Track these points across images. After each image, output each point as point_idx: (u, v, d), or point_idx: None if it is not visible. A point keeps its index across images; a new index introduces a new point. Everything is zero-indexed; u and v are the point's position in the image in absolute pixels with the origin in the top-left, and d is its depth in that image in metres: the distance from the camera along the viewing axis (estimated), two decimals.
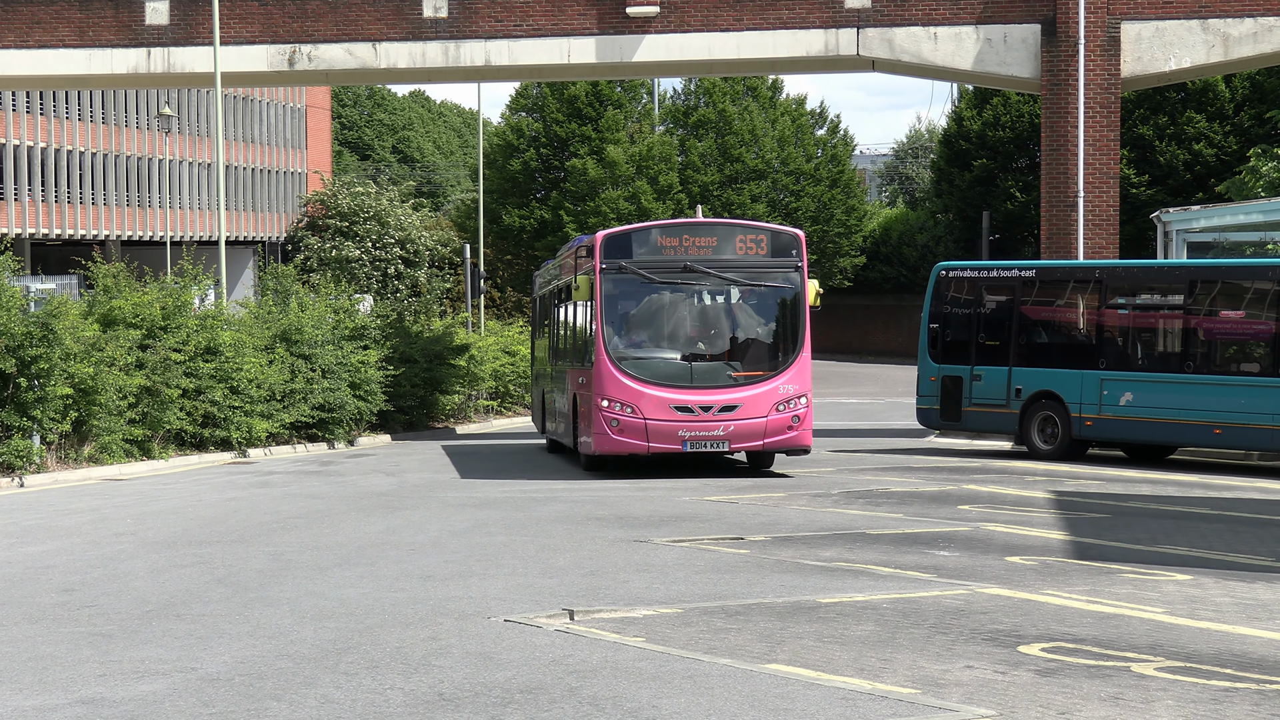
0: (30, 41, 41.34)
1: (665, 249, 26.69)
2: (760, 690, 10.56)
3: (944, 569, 15.92)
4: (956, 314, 31.78)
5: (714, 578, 15.33)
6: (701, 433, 25.85)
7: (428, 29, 40.59)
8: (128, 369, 29.19)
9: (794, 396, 26.20)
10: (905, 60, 38.80)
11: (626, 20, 39.83)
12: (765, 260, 26.72)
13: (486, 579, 15.35)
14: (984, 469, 27.93)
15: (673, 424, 25.85)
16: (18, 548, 18.20)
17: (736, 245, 26.78)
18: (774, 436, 26.13)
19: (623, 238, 27.06)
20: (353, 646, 12.05)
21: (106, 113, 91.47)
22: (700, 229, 27.31)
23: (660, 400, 25.92)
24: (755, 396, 26.04)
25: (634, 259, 26.51)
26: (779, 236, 27.20)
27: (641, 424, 25.90)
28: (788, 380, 26.23)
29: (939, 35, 38.44)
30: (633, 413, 25.91)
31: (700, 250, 26.57)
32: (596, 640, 12.22)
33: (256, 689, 10.69)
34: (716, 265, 26.51)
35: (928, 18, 38.44)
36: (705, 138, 71.67)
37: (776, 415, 26.06)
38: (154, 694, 10.57)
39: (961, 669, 11.18)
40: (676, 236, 26.96)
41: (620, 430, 25.96)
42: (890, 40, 38.67)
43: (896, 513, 20.96)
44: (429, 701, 10.31)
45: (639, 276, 26.46)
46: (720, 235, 27.13)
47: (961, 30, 38.26)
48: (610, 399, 26.00)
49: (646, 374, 26.17)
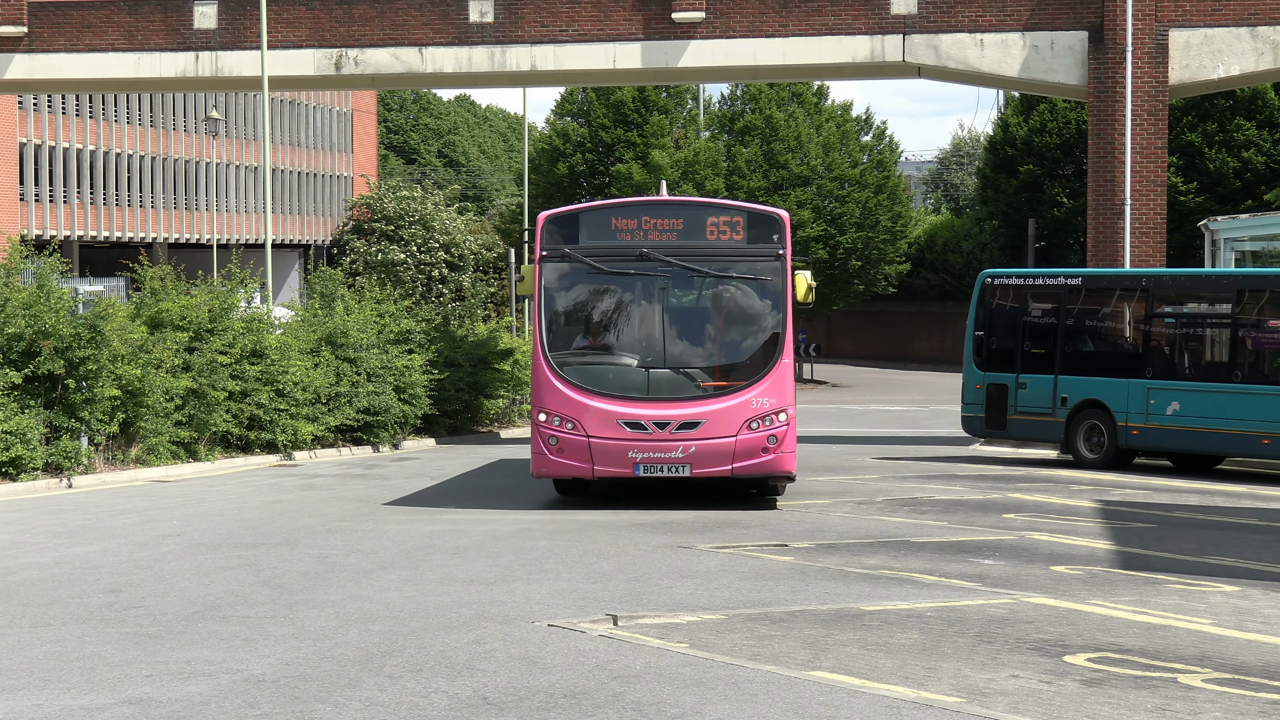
0: (80, 45, 41.58)
1: (621, 233, 22.46)
2: (804, 698, 10.54)
3: (989, 578, 15.86)
4: (1002, 322, 31.66)
5: (758, 584, 15.31)
6: (657, 454, 21.68)
7: (473, 33, 40.67)
8: (175, 371, 29.32)
9: (770, 412, 21.81)
10: (951, 67, 38.70)
11: (672, 26, 39.84)
12: (740, 246, 22.37)
13: (530, 583, 15.36)
14: (1029, 477, 27.82)
15: (622, 443, 21.68)
16: (66, 548, 18.29)
17: (707, 228, 22.40)
18: (745, 460, 21.73)
19: (568, 219, 22.94)
20: (397, 650, 12.07)
21: (154, 116, 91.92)
22: (663, 209, 22.86)
23: (607, 415, 21.74)
24: (722, 411, 21.74)
25: (581, 245, 22.47)
26: (758, 218, 22.78)
27: (584, 443, 21.73)
28: (763, 392, 21.86)
29: (985, 42, 38.34)
30: (574, 429, 21.77)
31: (664, 234, 22.38)
32: (640, 646, 12.22)
33: (301, 691, 10.72)
34: (680, 252, 22.27)
35: (974, 24, 38.33)
36: (751, 143, 71.59)
37: (748, 434, 21.69)
38: (200, 695, 10.61)
39: (1006, 678, 11.14)
40: (635, 218, 22.62)
41: (560, 450, 21.86)
42: (936, 47, 38.58)
43: (941, 521, 20.90)
44: (473, 705, 10.32)
45: (586, 266, 22.41)
46: (687, 216, 22.72)
47: (1008, 37, 38.14)
48: (548, 412, 21.95)
49: (592, 383, 22.05)
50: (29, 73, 42.16)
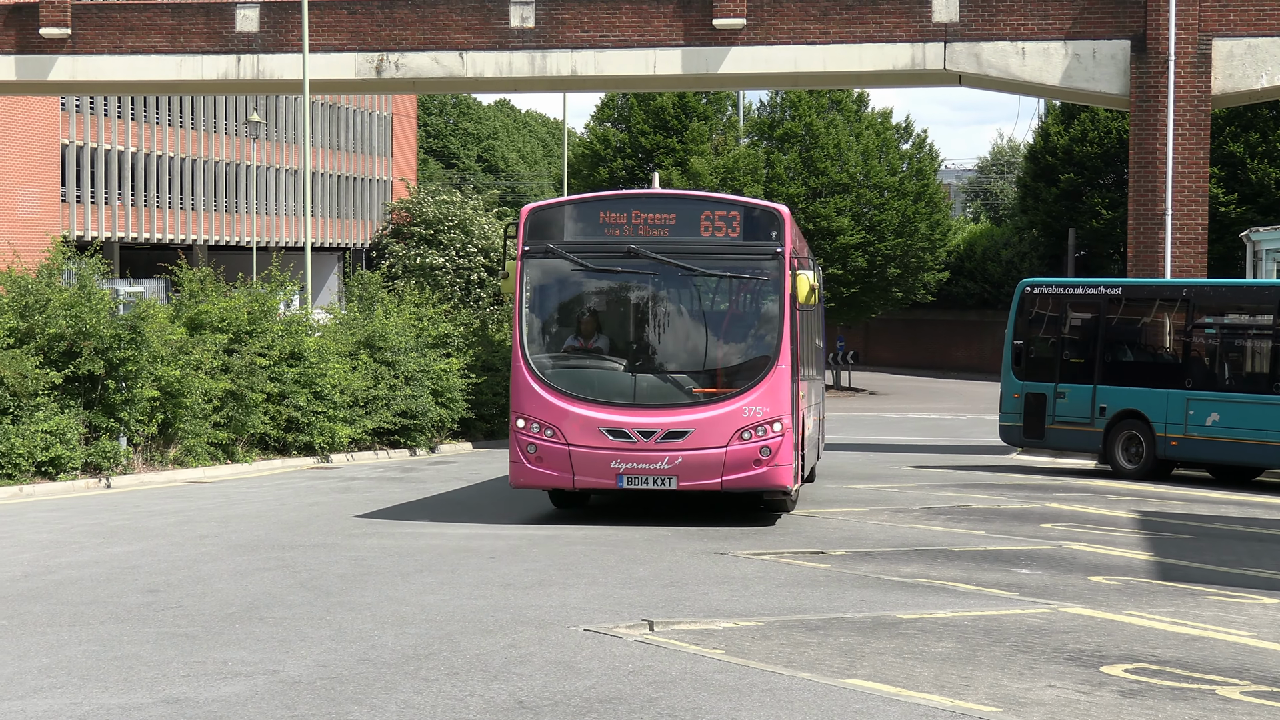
0: (123, 47, 41.78)
1: (609, 228, 21.15)
2: (840, 705, 10.53)
3: (1026, 587, 15.82)
4: (1041, 331, 31.59)
5: (794, 591, 15.30)
6: (641, 465, 20.37)
7: (514, 38, 40.73)
8: (213, 373, 29.43)
9: (764, 421, 20.40)
10: (992, 75, 38.64)
11: (713, 32, 39.85)
12: (736, 244, 20.96)
13: (566, 588, 15.37)
14: (1067, 487, 27.74)
15: (604, 452, 20.43)
16: (104, 548, 18.37)
17: (701, 224, 20.98)
18: (735, 473, 20.39)
19: (553, 212, 21.65)
20: (433, 653, 12.10)
21: (196, 118, 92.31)
22: (654, 202, 21.58)
23: (588, 421, 20.48)
24: (711, 420, 20.39)
25: (565, 240, 21.16)
26: (755, 213, 21.24)
27: (564, 451, 20.50)
28: (756, 400, 20.47)
29: (1027, 50, 38.25)
30: (554, 436, 20.54)
31: (654, 229, 21.00)
32: (676, 651, 12.22)
33: (338, 693, 10.75)
34: (671, 249, 20.88)
35: (1016, 33, 38.26)
36: (790, 151, 71.52)
37: (739, 445, 20.33)
38: (237, 695, 10.65)
39: (1043, 688, 11.11)
40: (624, 212, 21.28)
41: (538, 459, 20.64)
42: (977, 55, 38.51)
43: (978, 530, 20.85)
44: (508, 709, 10.33)
45: (570, 262, 21.08)
46: (680, 211, 21.37)
47: (1050, 45, 38.04)
48: (527, 418, 20.70)
49: (573, 387, 20.73)
50: (72, 74, 42.39)
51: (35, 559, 17.40)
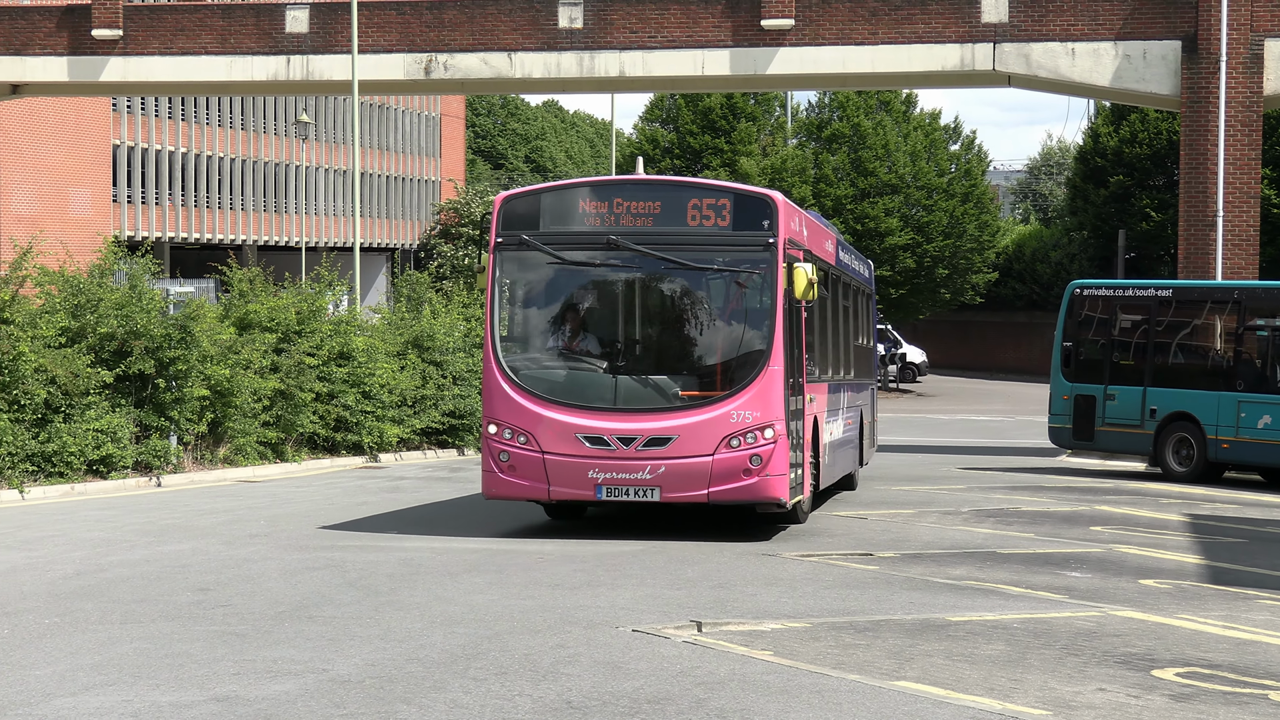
0: (174, 48, 41.97)
1: (590, 217, 19.59)
2: (888, 707, 10.50)
3: (1076, 590, 15.76)
4: (1091, 333, 31.48)
5: (842, 593, 15.27)
6: (621, 474, 18.85)
7: (563, 39, 40.78)
8: (263, 372, 29.55)
9: (754, 427, 18.80)
10: (1042, 76, 38.49)
11: (761, 33, 39.80)
12: (725, 234, 19.30)
13: (614, 588, 15.37)
14: (1117, 490, 27.62)
15: (581, 461, 18.92)
16: (155, 546, 18.46)
17: (688, 212, 19.33)
18: (723, 484, 18.79)
19: (529, 201, 19.97)
20: (481, 653, 12.11)
21: (245, 119, 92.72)
22: (638, 190, 19.78)
23: (564, 427, 18.96)
24: (697, 426, 18.79)
25: (541, 231, 19.54)
26: (745, 200, 19.61)
27: (539, 459, 19.01)
28: (745, 404, 18.83)
29: (1077, 51, 38.08)
30: (527, 443, 19.05)
31: (638, 219, 19.38)
32: (724, 653, 12.21)
33: (387, 692, 10.77)
34: (655, 240, 19.29)
35: (1065, 33, 38.10)
36: (838, 151, 71.43)
37: (727, 453, 18.75)
38: (286, 694, 10.68)
39: (1094, 691, 11.05)
40: (605, 200, 19.62)
41: (511, 468, 19.16)
42: (1027, 55, 38.36)
43: (1027, 532, 20.78)
44: (557, 709, 10.33)
45: (546, 255, 19.52)
46: (666, 199, 19.62)
47: (1100, 46, 37.87)
48: (499, 423, 19.25)
49: (548, 391, 19.25)
50: (124, 75, 42.60)
51: (87, 557, 17.49)
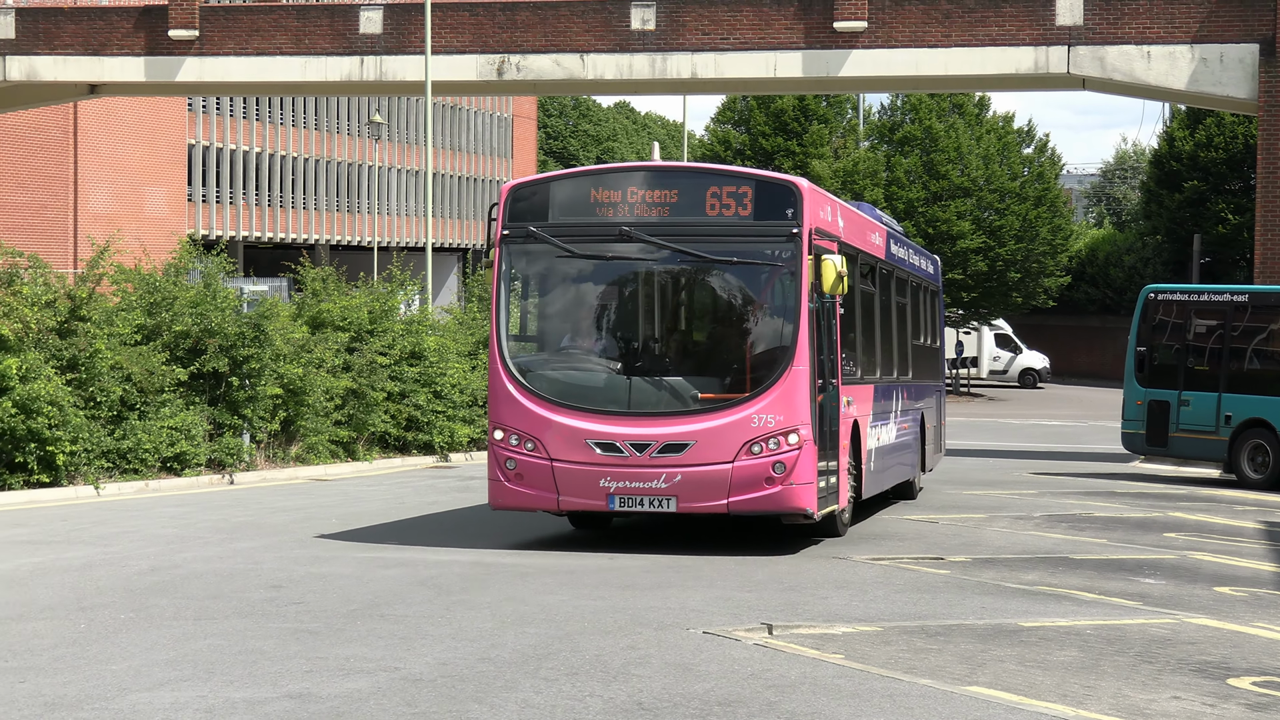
0: (249, 49, 42.23)
1: (602, 207, 18.24)
2: (960, 713, 10.45)
3: (1150, 597, 15.64)
4: (1165, 338, 31.23)
5: (914, 597, 15.21)
6: (634, 483, 17.58)
7: (635, 41, 40.80)
8: (335, 371, 29.70)
9: (777, 432, 17.47)
10: (1117, 79, 38.23)
11: (834, 35, 39.69)
12: (746, 224, 17.97)
13: (685, 590, 15.36)
14: (1191, 496, 27.41)
15: (592, 469, 17.65)
16: (228, 543, 18.57)
17: (706, 201, 18.01)
18: (744, 494, 17.52)
19: (538, 189, 18.76)
20: (552, 653, 12.13)
21: (319, 119, 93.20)
22: (654, 177, 18.60)
23: (573, 432, 17.70)
24: (716, 431, 17.51)
25: (550, 222, 18.26)
26: (767, 187, 18.26)
27: (547, 467, 17.75)
28: (767, 406, 17.51)
29: (1152, 54, 37.82)
30: (535, 450, 17.82)
31: (653, 208, 18.12)
32: (795, 656, 12.18)
33: (458, 691, 10.80)
34: (671, 231, 18.02)
35: (1141, 36, 37.83)
36: (910, 154, 71.22)
37: (748, 460, 17.46)
38: (359, 691, 10.72)
39: (1168, 699, 10.97)
40: (618, 188, 18.29)
41: (518, 476, 17.90)
42: (1102, 59, 38.12)
43: (1100, 538, 20.65)
44: (628, 710, 10.33)
45: (554, 247, 18.22)
46: (684, 187, 18.36)
47: (1176, 49, 37.59)
48: (505, 429, 17.97)
49: (557, 393, 17.99)
50: (199, 75, 42.90)
51: (161, 553, 17.62)
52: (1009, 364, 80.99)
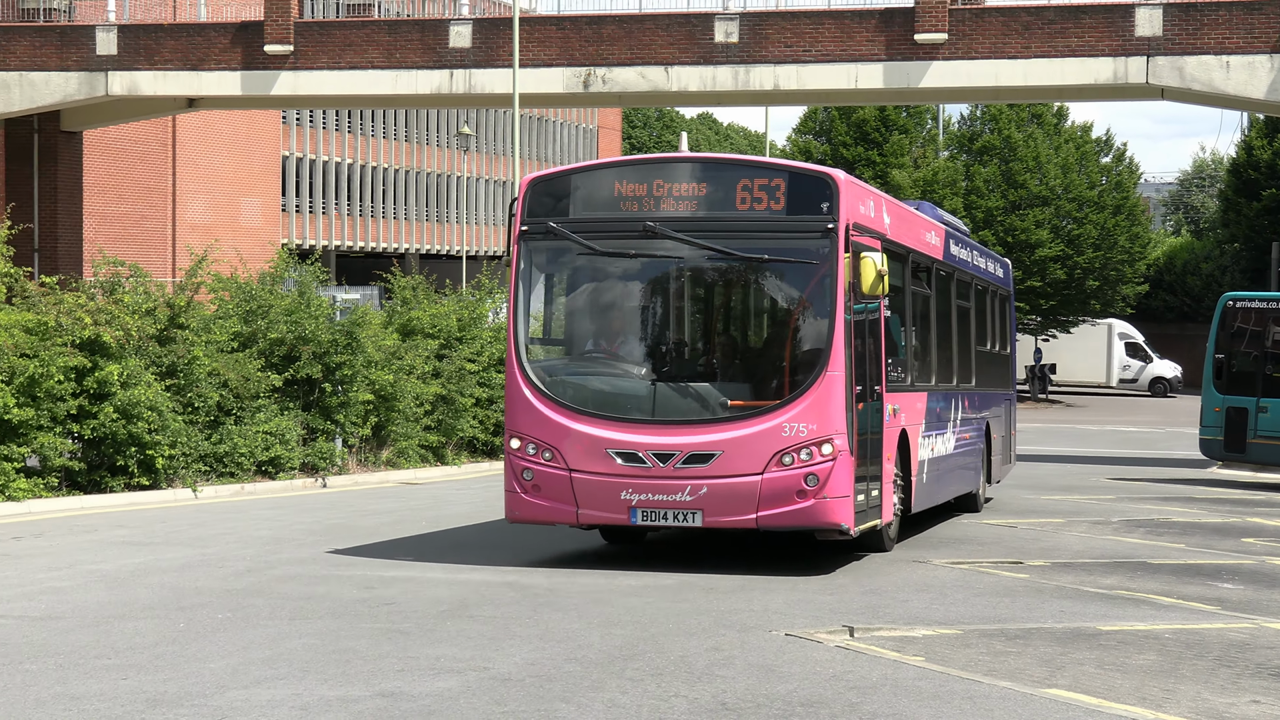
0: (342, 63, 42.53)
1: (626, 201, 16.65)
2: (1040, 715, 10.39)
3: (1228, 601, 15.50)
4: (1243, 345, 30.99)
5: (993, 601, 15.14)
6: (658, 495, 16.10)
7: (718, 53, 40.82)
8: (425, 377, 29.85)
9: (809, 441, 15.90)
10: (1196, 89, 37.93)
11: (914, 46, 39.59)
12: (778, 219, 16.42)
13: (767, 592, 15.35)
14: (1269, 502, 27.14)
15: (614, 480, 16.18)
16: (321, 545, 18.70)
17: (737, 195, 16.44)
18: (774, 507, 16.01)
19: (559, 183, 17.29)
20: (638, 654, 12.14)
21: (409, 131, 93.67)
22: (682, 169, 16.99)
23: (593, 441, 16.22)
24: (743, 440, 15.96)
25: (572, 218, 16.82)
26: (801, 180, 16.67)
27: (565, 477, 16.33)
28: (799, 415, 15.95)
29: (1231, 64, 37.47)
30: (553, 459, 16.38)
31: (680, 203, 16.54)
32: (876, 657, 12.14)
33: (546, 690, 10.83)
34: (698, 226, 16.47)
35: (1220, 46, 37.51)
36: (989, 163, 70.86)
37: (778, 471, 15.92)
38: (449, 690, 10.78)
39: (1247, 703, 10.87)
40: (644, 181, 16.72)
41: (535, 487, 16.52)
42: (1180, 69, 37.82)
43: (1178, 543, 20.47)
44: (712, 710, 10.33)
45: (575, 244, 16.79)
46: (712, 180, 16.86)
47: (1255, 59, 37.25)
48: (522, 437, 16.56)
49: (575, 399, 16.52)
50: (294, 89, 43.25)
51: (257, 555, 17.76)
52: (1139, 373, 79.18)
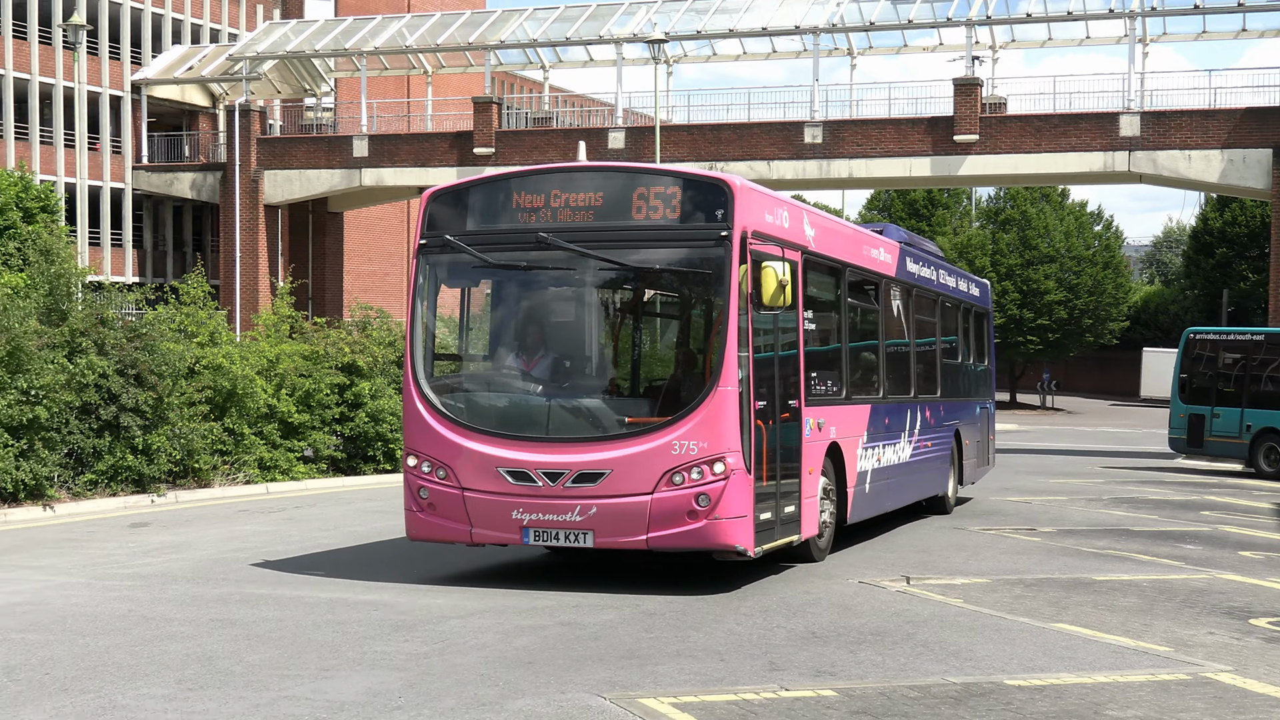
0: (529, 161, 42.82)
1: (524, 212, 12.32)
2: (1049, 641, 10.31)
3: (1190, 558, 15.25)
4: (1201, 367, 30.44)
5: (1014, 557, 15.00)
6: (548, 515, 11.93)
7: (807, 150, 40.97)
8: None
9: (700, 460, 11.65)
10: (1165, 175, 37.51)
11: (954, 144, 39.51)
12: (673, 228, 12.05)
13: (845, 551, 15.30)
14: (1221, 485, 26.62)
15: (504, 499, 12.04)
16: None
17: (633, 203, 12.07)
18: (664, 529, 11.75)
19: (457, 195, 12.82)
20: (748, 596, 12.14)
21: None
22: (578, 179, 12.41)
23: (484, 460, 12.08)
24: (632, 459, 11.72)
25: (467, 230, 12.53)
26: (695, 186, 12.14)
27: (458, 496, 12.19)
28: (688, 432, 11.65)
29: (1193, 157, 37.05)
30: (446, 478, 12.25)
31: (578, 212, 12.18)
32: (926, 599, 12.08)
33: (683, 621, 10.87)
34: (592, 236, 12.10)
35: (1184, 143, 37.15)
36: (1010, 231, 70.11)
37: (668, 491, 11.68)
38: (610, 621, 10.84)
39: (1204, 634, 10.72)
40: (540, 192, 12.33)
41: (430, 506, 12.33)
42: (1154, 160, 37.41)
43: (1153, 515, 20.15)
44: (804, 638, 10.35)
45: (470, 256, 12.45)
46: (609, 189, 12.28)
47: (1210, 153, 36.79)
48: (418, 455, 12.39)
49: (466, 416, 12.34)
50: None
51: None
52: None
